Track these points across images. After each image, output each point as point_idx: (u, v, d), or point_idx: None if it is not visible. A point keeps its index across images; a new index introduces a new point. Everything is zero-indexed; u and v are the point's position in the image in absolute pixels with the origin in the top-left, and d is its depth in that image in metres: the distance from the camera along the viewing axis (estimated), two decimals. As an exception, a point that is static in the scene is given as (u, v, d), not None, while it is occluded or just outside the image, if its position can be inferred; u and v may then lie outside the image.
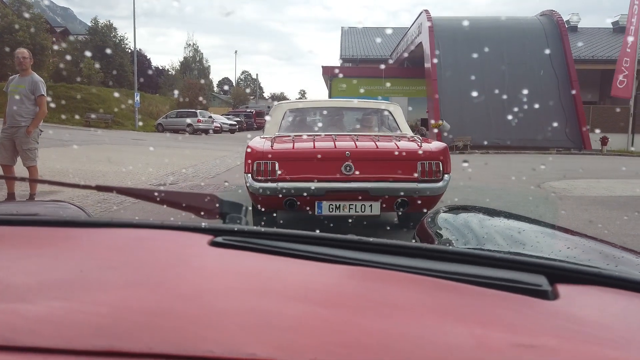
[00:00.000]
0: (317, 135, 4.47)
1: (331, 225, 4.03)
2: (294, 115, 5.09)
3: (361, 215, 3.93)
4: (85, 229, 0.77)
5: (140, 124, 30.70)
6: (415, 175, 3.88)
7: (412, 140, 4.32)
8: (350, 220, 4.16)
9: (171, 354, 0.38)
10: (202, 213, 0.91)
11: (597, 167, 12.73)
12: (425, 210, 3.84)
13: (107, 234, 0.74)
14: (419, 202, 3.89)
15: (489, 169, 11.68)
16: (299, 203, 3.87)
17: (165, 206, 0.92)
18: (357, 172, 3.86)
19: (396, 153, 3.95)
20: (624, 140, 20.90)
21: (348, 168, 3.86)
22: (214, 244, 0.67)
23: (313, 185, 3.81)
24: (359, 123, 5.14)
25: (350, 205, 3.89)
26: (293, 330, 0.43)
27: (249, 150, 3.97)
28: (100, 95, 33.29)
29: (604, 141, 18.36)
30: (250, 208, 4.43)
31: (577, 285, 0.59)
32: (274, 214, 4.30)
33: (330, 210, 3.90)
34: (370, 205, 3.89)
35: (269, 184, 3.83)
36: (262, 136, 4.66)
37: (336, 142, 4.05)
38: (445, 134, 18.38)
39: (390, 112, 5.03)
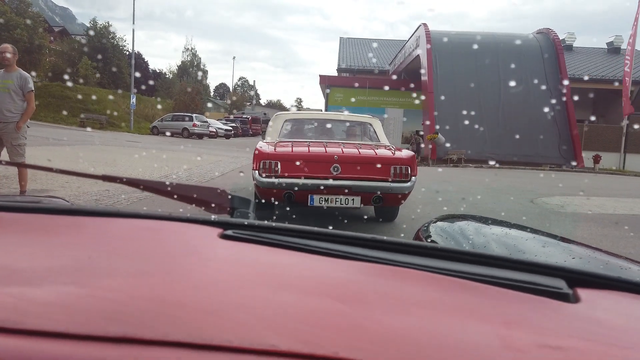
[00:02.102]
0: (311, 141, 5.33)
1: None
2: (291, 124, 5.93)
3: (344, 207, 4.75)
4: (92, 217, 0.75)
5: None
6: (387, 176, 4.72)
7: (388, 149, 5.23)
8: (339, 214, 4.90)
9: (188, 342, 0.37)
10: (212, 206, 0.91)
11: (590, 184, 12.83)
12: (402, 201, 4.96)
13: (115, 223, 0.73)
14: (391, 197, 4.79)
15: (482, 183, 11.74)
16: (295, 195, 4.64)
17: (174, 199, 0.91)
18: (342, 173, 4.67)
19: (374, 158, 4.83)
20: (616, 158, 21.13)
21: (336, 169, 4.68)
22: (224, 236, 0.67)
23: (307, 181, 4.58)
24: (345, 133, 5.98)
25: (336, 198, 4.69)
26: (313, 324, 0.42)
27: (257, 152, 4.77)
28: (95, 96, 33.18)
29: (596, 159, 18.52)
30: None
31: (597, 290, 0.59)
32: (269, 210, 5.07)
33: (320, 202, 4.69)
34: (352, 199, 4.69)
35: (272, 179, 4.60)
36: (264, 141, 5.48)
37: (327, 148, 4.90)
38: (429, 149, 18.46)
39: (371, 125, 5.95)
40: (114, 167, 9.83)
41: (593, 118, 23.21)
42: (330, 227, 0.72)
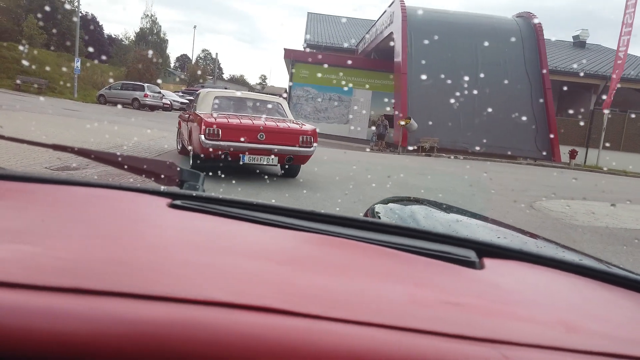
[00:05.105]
0: (242, 115, 7.02)
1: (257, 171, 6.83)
2: (219, 100, 7.43)
3: (265, 164, 6.77)
4: (44, 184, 0.76)
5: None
6: (297, 143, 6.60)
7: (296, 124, 7.05)
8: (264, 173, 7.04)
9: (134, 293, 0.40)
10: (162, 178, 0.95)
11: (575, 183, 11.73)
12: (305, 161, 6.97)
13: (67, 190, 0.75)
14: (299, 158, 6.75)
15: (464, 177, 10.40)
16: (231, 154, 6.37)
17: (124, 169, 0.94)
18: (266, 139, 6.46)
19: (288, 129, 6.73)
20: (583, 154, 20.41)
21: (260, 136, 6.45)
22: (172, 206, 0.69)
23: (239, 144, 6.34)
24: (260, 108, 7.54)
25: (260, 158, 6.52)
26: (248, 281, 0.47)
27: (202, 121, 6.40)
28: (38, 57, 30.15)
29: (572, 154, 17.59)
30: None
31: (502, 260, 0.68)
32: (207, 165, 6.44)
33: (249, 160, 6.50)
34: (272, 158, 6.57)
35: (214, 142, 6.28)
36: (198, 111, 7.08)
37: (254, 121, 6.66)
38: (399, 134, 17.10)
39: (280, 104, 7.71)
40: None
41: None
42: (273, 201, 0.75)
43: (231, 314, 0.39)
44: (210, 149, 6.26)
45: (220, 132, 6.28)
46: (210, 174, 5.97)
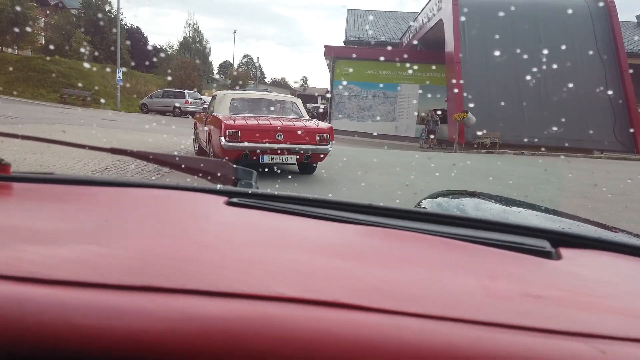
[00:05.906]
0: (260, 116, 7.32)
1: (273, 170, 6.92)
2: (236, 102, 7.66)
3: (284, 163, 6.98)
4: (104, 187, 0.78)
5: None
6: (314, 141, 6.89)
7: (312, 122, 7.46)
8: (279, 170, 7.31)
9: (205, 290, 0.40)
10: (218, 177, 0.97)
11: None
12: (323, 159, 7.17)
13: (127, 192, 0.76)
14: (316, 156, 7.02)
15: (548, 180, 8.75)
16: (250, 155, 6.63)
17: (181, 170, 0.95)
18: (284, 139, 6.72)
19: (305, 128, 6.95)
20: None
21: (279, 136, 6.71)
22: (230, 204, 0.71)
23: (259, 145, 6.64)
24: (276, 108, 7.86)
25: (279, 157, 6.79)
26: (315, 276, 0.46)
27: (222, 124, 6.64)
28: (82, 70, 30.52)
29: (658, 144, 15.32)
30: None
31: (578, 249, 0.64)
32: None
33: (269, 160, 6.77)
34: (290, 157, 6.84)
35: (234, 144, 6.56)
36: (216, 114, 7.39)
37: (271, 121, 6.96)
38: (455, 130, 15.41)
39: (295, 103, 8.01)
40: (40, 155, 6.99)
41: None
42: (330, 195, 0.80)
43: (303, 310, 0.39)
44: (232, 150, 6.44)
45: (240, 134, 6.48)
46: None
